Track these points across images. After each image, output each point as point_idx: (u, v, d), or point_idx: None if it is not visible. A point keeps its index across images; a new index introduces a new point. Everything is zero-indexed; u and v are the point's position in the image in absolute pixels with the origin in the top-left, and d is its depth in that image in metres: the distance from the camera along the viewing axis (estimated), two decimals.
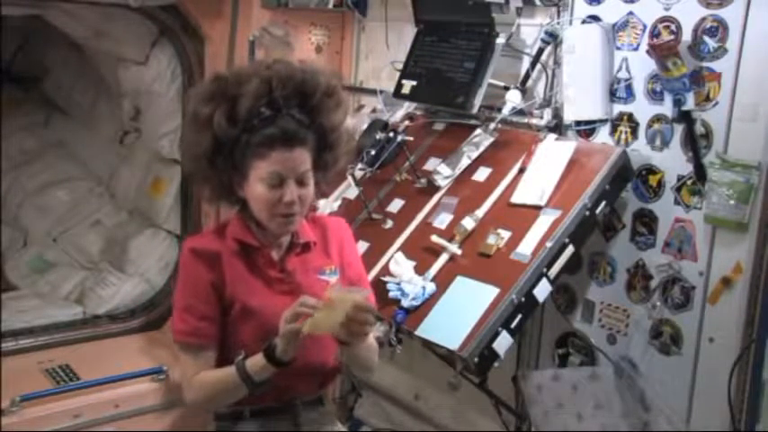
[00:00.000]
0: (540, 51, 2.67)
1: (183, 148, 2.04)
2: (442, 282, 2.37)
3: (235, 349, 1.96)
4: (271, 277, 2.02)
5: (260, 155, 1.89)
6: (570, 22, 2.60)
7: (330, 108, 1.99)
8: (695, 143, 2.28)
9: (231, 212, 2.11)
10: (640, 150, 2.44)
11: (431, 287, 2.35)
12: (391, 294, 2.36)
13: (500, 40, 2.71)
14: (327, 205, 2.80)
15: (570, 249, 2.31)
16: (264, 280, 2.01)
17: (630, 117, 2.48)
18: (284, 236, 2.04)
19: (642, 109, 2.44)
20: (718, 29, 2.22)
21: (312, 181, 1.97)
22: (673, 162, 2.37)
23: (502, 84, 2.75)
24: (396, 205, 2.75)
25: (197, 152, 1.95)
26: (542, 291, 2.27)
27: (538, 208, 2.39)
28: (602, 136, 2.56)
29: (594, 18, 2.53)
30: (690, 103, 2.28)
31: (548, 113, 2.67)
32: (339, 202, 2.85)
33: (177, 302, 2.04)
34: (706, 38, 2.25)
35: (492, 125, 2.71)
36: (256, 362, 1.87)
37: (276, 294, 2.00)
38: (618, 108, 2.51)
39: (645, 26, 2.41)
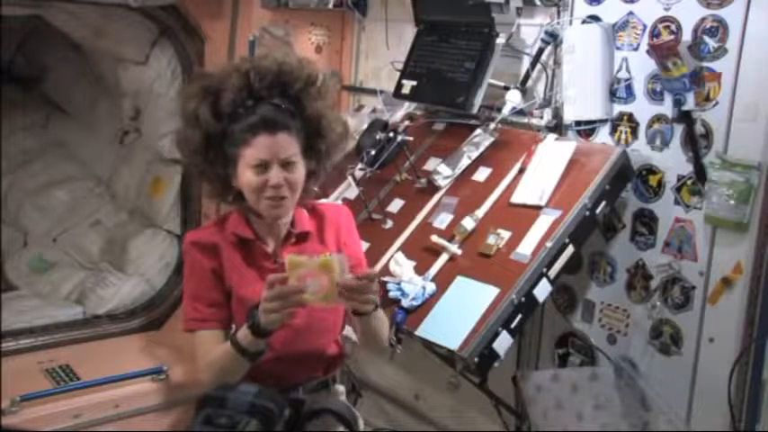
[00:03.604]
0: (540, 51, 2.67)
1: (179, 146, 2.11)
2: (442, 282, 2.37)
3: None
4: (264, 268, 2.04)
5: (245, 142, 1.95)
6: (570, 22, 2.60)
7: (313, 96, 2.04)
8: (695, 143, 2.28)
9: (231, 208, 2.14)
10: (640, 150, 2.44)
11: (431, 287, 2.35)
12: (391, 294, 2.36)
13: (500, 40, 2.71)
14: None
15: (570, 249, 2.31)
16: (258, 271, 2.04)
17: (630, 117, 2.48)
18: (278, 222, 2.06)
19: (642, 109, 2.44)
20: (719, 29, 2.22)
21: (301, 166, 2.00)
22: (673, 162, 2.37)
23: (502, 84, 2.75)
24: (396, 205, 2.76)
25: (191, 148, 2.03)
26: (542, 291, 2.27)
27: (538, 208, 2.39)
28: (602, 136, 2.56)
29: (594, 18, 2.54)
30: (690, 103, 2.28)
31: (548, 113, 2.67)
32: (339, 203, 2.84)
33: (186, 293, 2.11)
34: (706, 38, 2.25)
35: (492, 125, 2.71)
36: (245, 335, 1.91)
37: None
38: (618, 108, 2.51)
39: (645, 26, 2.41)
